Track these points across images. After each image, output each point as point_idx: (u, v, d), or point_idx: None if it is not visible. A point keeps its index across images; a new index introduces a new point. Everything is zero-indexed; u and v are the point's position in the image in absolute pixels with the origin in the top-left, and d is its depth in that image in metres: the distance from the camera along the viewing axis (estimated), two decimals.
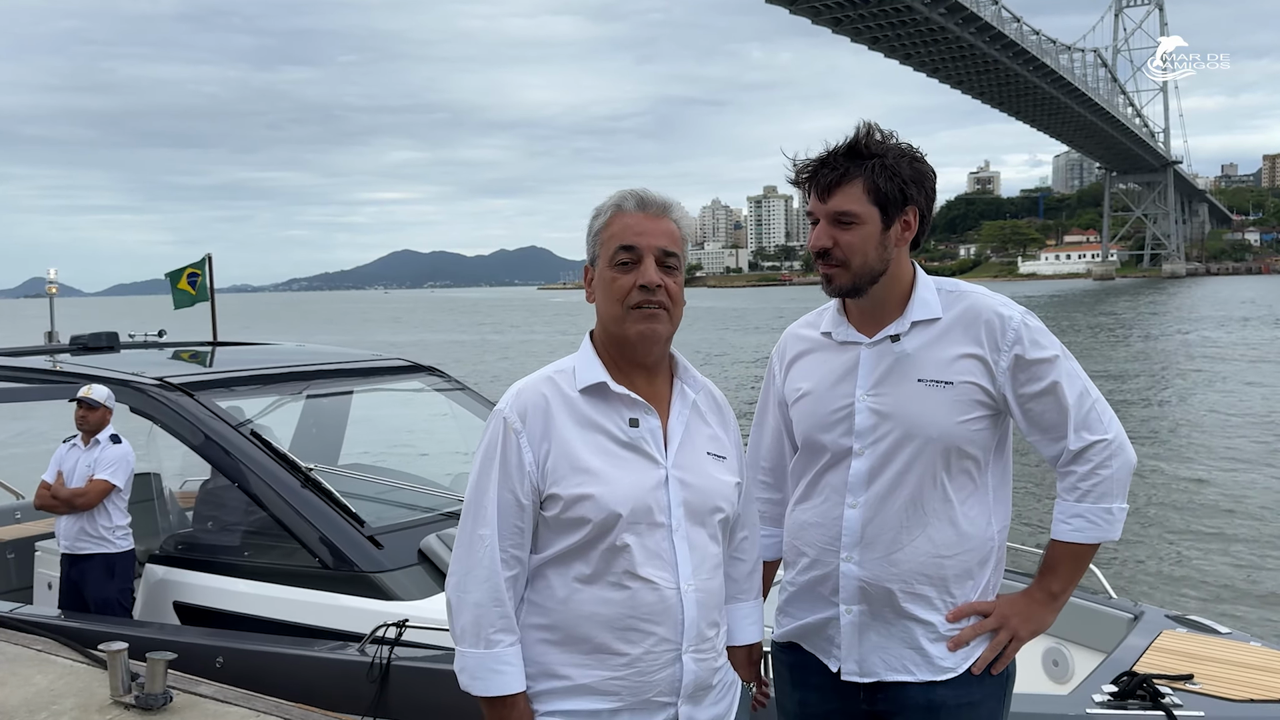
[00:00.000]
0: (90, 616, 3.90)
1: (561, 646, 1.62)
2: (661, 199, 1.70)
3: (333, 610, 3.33)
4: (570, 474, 1.61)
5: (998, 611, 1.85)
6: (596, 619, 1.60)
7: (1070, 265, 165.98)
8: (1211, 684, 2.56)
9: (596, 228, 1.70)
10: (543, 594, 1.65)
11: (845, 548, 1.84)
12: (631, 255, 1.66)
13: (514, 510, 1.63)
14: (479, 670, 1.61)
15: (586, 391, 1.66)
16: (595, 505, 1.59)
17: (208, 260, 6.53)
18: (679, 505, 1.65)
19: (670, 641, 1.62)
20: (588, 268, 1.74)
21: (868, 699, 1.85)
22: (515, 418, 1.64)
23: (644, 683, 1.62)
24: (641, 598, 1.60)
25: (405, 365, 4.98)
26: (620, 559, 1.60)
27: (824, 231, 1.83)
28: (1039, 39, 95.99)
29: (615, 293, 1.66)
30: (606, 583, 1.61)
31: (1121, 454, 1.83)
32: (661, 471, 1.65)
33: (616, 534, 1.60)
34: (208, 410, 3.90)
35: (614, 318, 1.67)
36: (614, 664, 1.61)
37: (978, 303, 1.84)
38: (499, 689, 1.60)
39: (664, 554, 1.62)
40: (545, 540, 1.65)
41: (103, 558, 4.21)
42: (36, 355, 5.20)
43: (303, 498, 3.58)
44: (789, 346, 2.01)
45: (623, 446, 1.64)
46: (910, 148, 1.83)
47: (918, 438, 1.80)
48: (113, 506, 4.27)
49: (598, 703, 1.61)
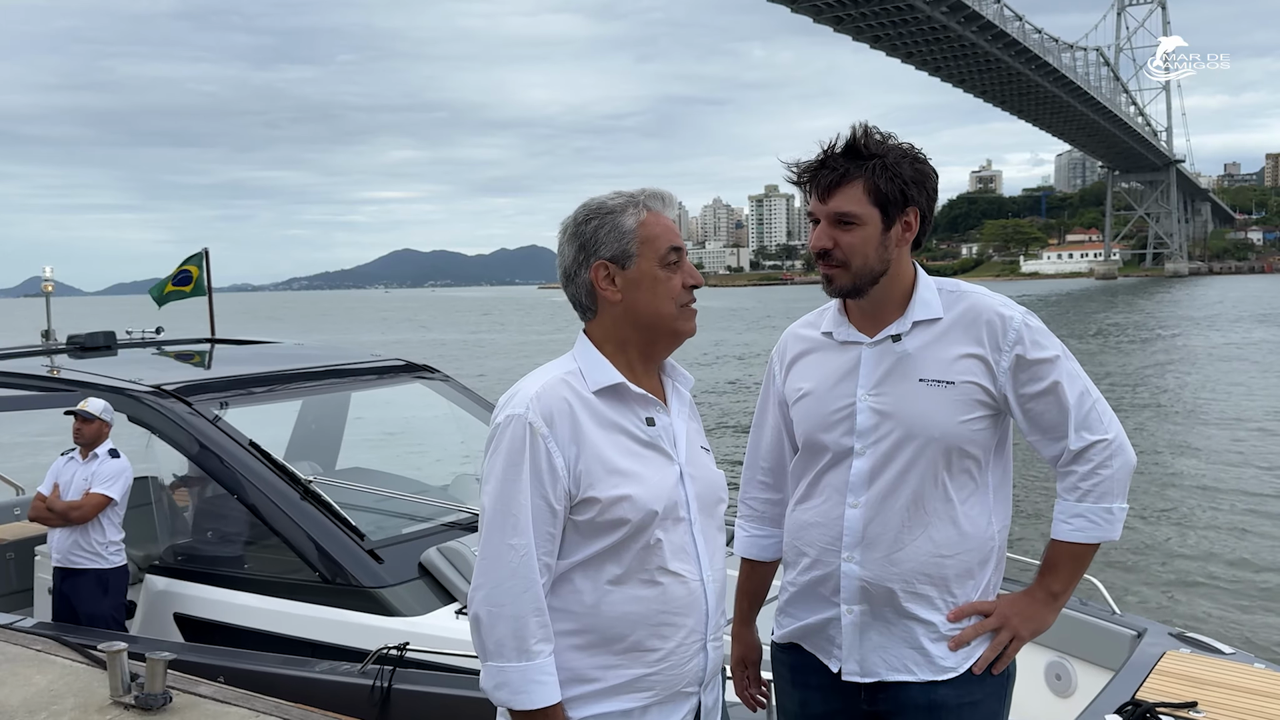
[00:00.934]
0: (92, 631, 3.84)
1: (590, 650, 1.61)
2: (674, 198, 1.74)
3: (334, 625, 3.32)
4: (605, 476, 1.60)
5: (998, 611, 1.85)
6: (630, 618, 1.60)
7: (1073, 264, 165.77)
8: (1215, 711, 2.56)
9: (628, 225, 1.65)
10: (567, 599, 1.61)
11: (846, 548, 1.84)
12: (679, 255, 1.69)
13: (547, 517, 1.59)
14: (522, 684, 1.55)
15: (602, 393, 1.65)
16: (633, 505, 1.59)
17: (205, 254, 6.48)
18: (694, 499, 1.68)
19: (697, 632, 1.65)
20: (605, 264, 1.66)
21: (869, 699, 1.85)
22: (540, 421, 1.59)
23: (676, 675, 1.64)
24: (673, 592, 1.62)
25: (402, 365, 4.97)
26: (654, 556, 1.61)
27: (824, 232, 1.83)
28: (1041, 37, 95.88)
29: (669, 291, 1.67)
30: (639, 581, 1.61)
31: (1122, 454, 1.83)
32: (677, 468, 1.67)
33: (651, 532, 1.61)
34: (204, 418, 3.88)
35: (663, 316, 1.67)
36: (649, 660, 1.61)
37: (979, 303, 1.84)
38: (543, 700, 1.56)
39: (688, 548, 1.65)
40: (573, 545, 1.62)
41: (95, 573, 4.14)
42: (32, 356, 5.13)
43: (301, 510, 3.56)
44: (789, 346, 2.01)
45: (644, 446, 1.65)
46: (911, 148, 1.83)
47: (919, 437, 1.79)
48: (107, 521, 4.19)
49: (630, 701, 1.62)
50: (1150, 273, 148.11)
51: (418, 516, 3.94)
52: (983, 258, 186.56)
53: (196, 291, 6.45)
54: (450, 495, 4.34)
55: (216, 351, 5.46)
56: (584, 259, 1.67)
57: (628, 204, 1.67)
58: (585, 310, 1.71)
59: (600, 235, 1.66)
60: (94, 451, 4.28)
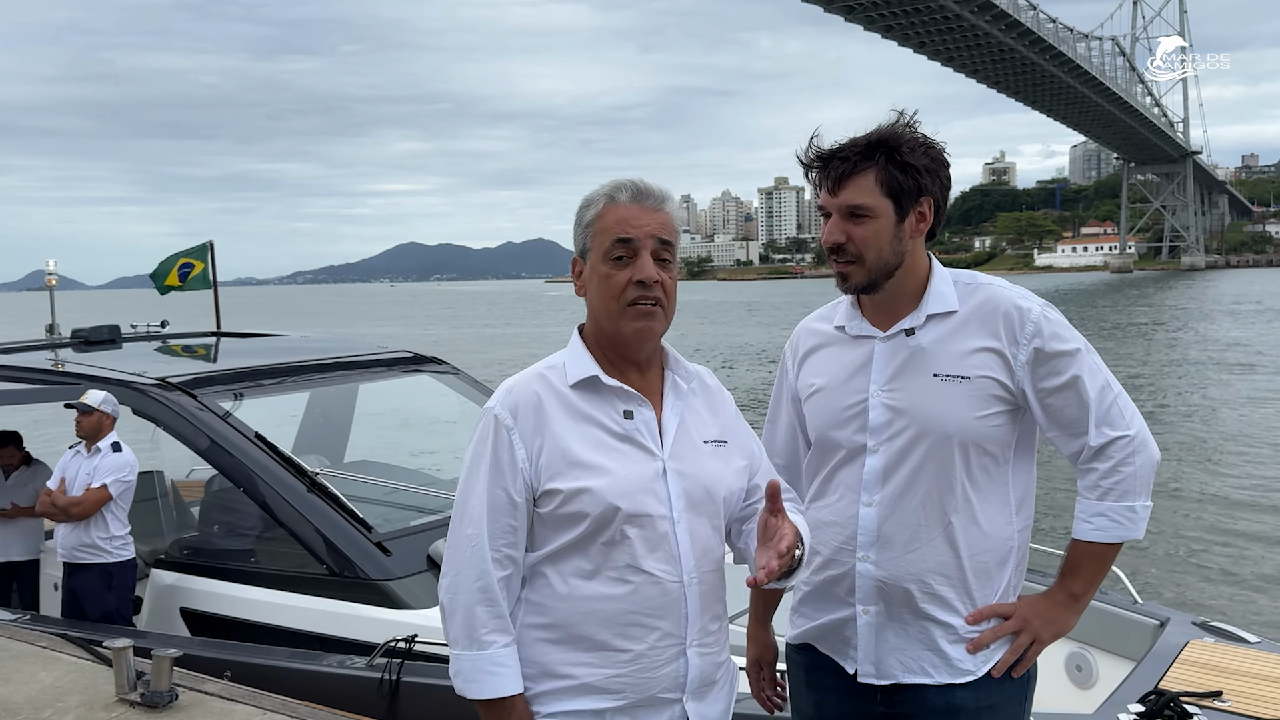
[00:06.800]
0: (99, 626, 3.84)
1: (562, 645, 1.59)
2: (659, 190, 1.64)
3: (342, 618, 3.30)
4: (567, 468, 1.58)
5: (1019, 614, 1.80)
6: (598, 615, 1.57)
7: (1087, 258, 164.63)
8: (1240, 701, 2.52)
9: (588, 218, 1.64)
10: (541, 592, 1.61)
11: (861, 547, 1.80)
12: (627, 249, 1.60)
13: (506, 508, 1.59)
14: (473, 673, 1.58)
15: (578, 386, 1.63)
16: (593, 498, 1.56)
17: (210, 247, 6.46)
18: (679, 496, 1.62)
19: (674, 636, 1.60)
20: (576, 260, 1.68)
21: (885, 701, 1.81)
22: (506, 414, 1.61)
23: (648, 679, 1.59)
24: (644, 592, 1.57)
25: (410, 357, 4.94)
26: (621, 553, 1.57)
27: (836, 226, 1.78)
28: (1055, 27, 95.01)
29: (611, 289, 1.61)
30: (607, 578, 1.57)
31: (1144, 450, 1.77)
32: (659, 463, 1.62)
33: (616, 527, 1.57)
34: (210, 411, 3.86)
35: (608, 314, 1.62)
36: (617, 661, 1.57)
37: (995, 295, 1.79)
38: (493, 691, 1.57)
39: (666, 546, 1.59)
40: (542, 537, 1.61)
41: (100, 568, 4.12)
42: (37, 350, 5.14)
43: (308, 502, 3.54)
44: (802, 341, 1.96)
45: (618, 439, 1.61)
46: (924, 136, 1.78)
47: (933, 434, 1.75)
48: (110, 516, 4.17)
49: (600, 701, 1.58)
50: (1166, 266, 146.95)
51: (426, 509, 3.93)
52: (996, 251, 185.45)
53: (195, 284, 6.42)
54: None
55: (223, 345, 5.46)
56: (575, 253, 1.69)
57: (599, 196, 1.64)
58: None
59: (576, 230, 1.67)
60: (97, 445, 4.25)
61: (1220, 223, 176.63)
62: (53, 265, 6.08)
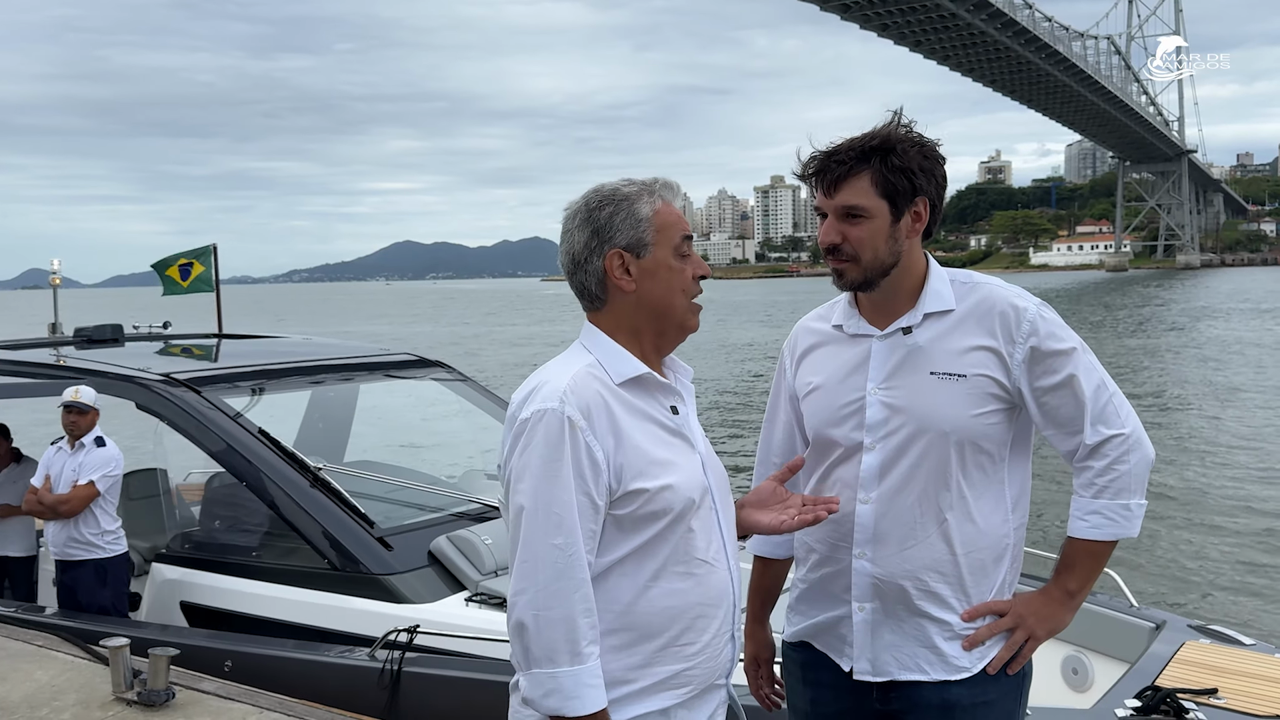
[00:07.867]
0: (98, 619, 3.84)
1: (626, 650, 1.56)
2: (681, 188, 1.69)
3: (342, 613, 3.31)
4: (647, 466, 1.56)
5: (1014, 611, 1.81)
6: (670, 612, 1.57)
7: (1083, 256, 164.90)
8: (1236, 699, 2.53)
9: (646, 213, 1.61)
10: (602, 599, 1.55)
11: (858, 544, 1.81)
12: (690, 245, 1.65)
13: (589, 514, 1.52)
14: (575, 689, 1.48)
15: (626, 384, 1.61)
16: (676, 494, 1.56)
17: (214, 251, 6.47)
18: (715, 487, 1.66)
19: (728, 622, 1.64)
20: (621, 253, 1.60)
21: (881, 698, 1.82)
22: (578, 415, 1.52)
23: (712, 667, 1.61)
24: (708, 582, 1.60)
25: (412, 359, 4.95)
26: (689, 546, 1.59)
27: (832, 227, 1.79)
28: (1051, 25, 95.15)
29: (680, 283, 1.63)
30: (674, 574, 1.57)
31: (1139, 449, 1.78)
32: (698, 456, 1.65)
33: (686, 521, 1.58)
34: (214, 407, 3.87)
35: (674, 307, 1.64)
36: (686, 655, 1.58)
37: (992, 294, 1.80)
38: (595, 704, 1.49)
39: (714, 536, 1.63)
40: (612, 542, 1.56)
41: (93, 564, 4.10)
42: (41, 348, 5.15)
43: (311, 497, 3.55)
44: (800, 340, 1.98)
45: (672, 434, 1.62)
46: (918, 136, 1.79)
47: (930, 431, 1.76)
48: (100, 511, 4.13)
49: (667, 699, 1.58)
50: (1161, 265, 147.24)
51: (427, 506, 3.93)
52: (991, 250, 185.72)
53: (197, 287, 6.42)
54: (460, 488, 4.33)
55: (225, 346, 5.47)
56: (597, 246, 1.61)
57: (642, 191, 1.63)
58: (594, 300, 1.64)
59: (616, 222, 1.60)
60: (80, 441, 4.20)
61: (1215, 221, 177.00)
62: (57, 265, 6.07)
